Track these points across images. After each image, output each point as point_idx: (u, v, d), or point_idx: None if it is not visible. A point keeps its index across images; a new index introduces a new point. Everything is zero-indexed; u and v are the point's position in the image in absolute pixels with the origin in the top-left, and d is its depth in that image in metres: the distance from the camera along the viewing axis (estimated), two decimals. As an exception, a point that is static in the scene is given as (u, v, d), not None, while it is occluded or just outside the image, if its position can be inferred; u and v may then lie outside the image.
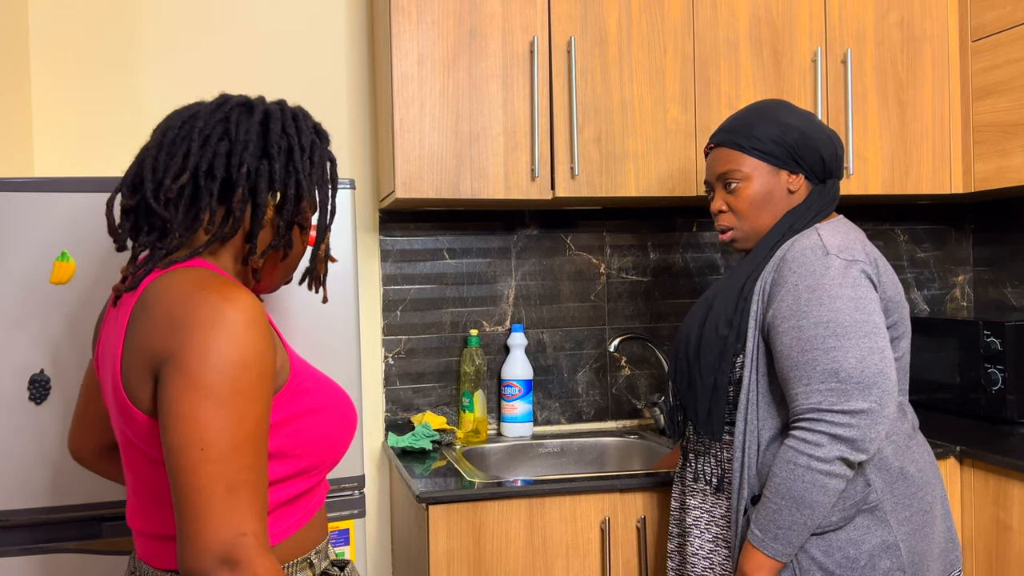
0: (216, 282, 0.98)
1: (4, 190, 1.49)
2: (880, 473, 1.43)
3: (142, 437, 1.00)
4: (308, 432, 1.07)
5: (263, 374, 0.96)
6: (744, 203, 1.54)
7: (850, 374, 1.34)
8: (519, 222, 2.40)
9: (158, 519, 1.04)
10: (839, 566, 1.39)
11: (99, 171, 2.16)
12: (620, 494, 1.81)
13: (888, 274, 1.48)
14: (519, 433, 2.30)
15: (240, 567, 0.89)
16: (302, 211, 1.11)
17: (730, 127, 1.58)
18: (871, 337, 1.36)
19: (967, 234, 2.70)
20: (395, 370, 2.32)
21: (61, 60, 2.15)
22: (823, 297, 1.38)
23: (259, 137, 1.08)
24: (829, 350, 1.35)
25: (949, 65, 2.29)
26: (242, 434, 0.93)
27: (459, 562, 1.74)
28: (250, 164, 1.06)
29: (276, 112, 1.11)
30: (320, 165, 1.13)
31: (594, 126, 2.09)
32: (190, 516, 0.90)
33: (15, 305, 1.50)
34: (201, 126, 1.07)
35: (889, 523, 1.41)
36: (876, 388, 1.34)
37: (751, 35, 2.17)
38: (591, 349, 2.44)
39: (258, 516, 0.93)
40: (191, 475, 0.90)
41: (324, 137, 1.16)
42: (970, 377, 2.26)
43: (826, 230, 1.48)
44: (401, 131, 1.99)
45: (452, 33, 2.02)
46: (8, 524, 1.50)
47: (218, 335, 0.93)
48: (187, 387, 0.92)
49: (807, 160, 1.53)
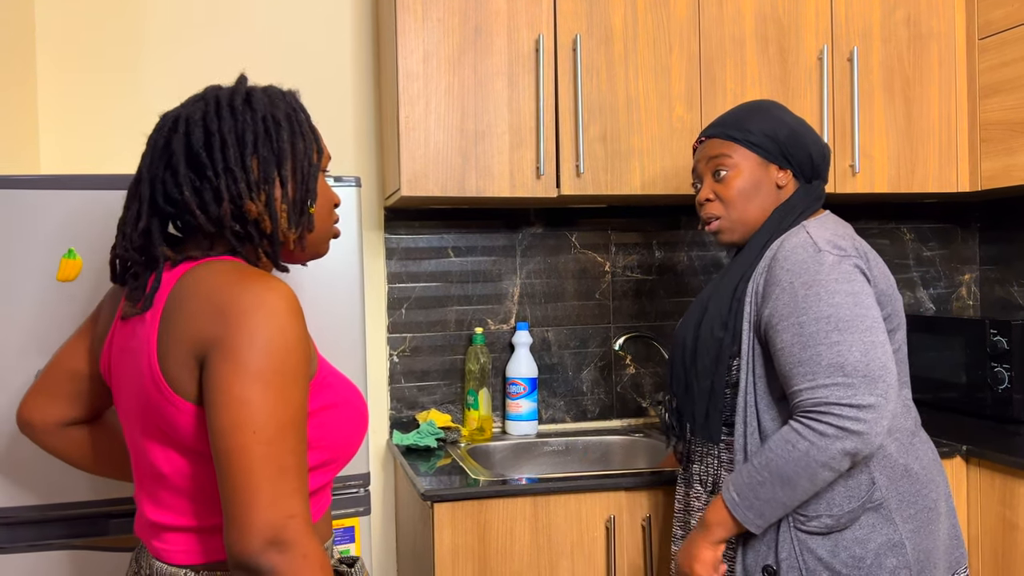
0: (255, 272, 1.01)
1: (11, 187, 1.49)
2: (884, 470, 1.42)
3: (186, 429, 1.00)
4: (328, 426, 1.08)
5: (304, 360, 0.98)
6: (732, 192, 1.53)
7: (856, 368, 1.33)
8: (524, 220, 2.40)
9: (194, 512, 1.03)
10: (845, 565, 1.39)
11: (105, 168, 2.17)
12: (625, 492, 1.81)
13: (879, 267, 1.48)
14: (524, 431, 2.30)
15: (290, 548, 0.91)
16: (245, 205, 1.05)
17: (722, 121, 1.59)
18: (872, 331, 1.36)
19: (973, 232, 2.69)
20: (400, 368, 2.32)
21: (67, 56, 2.15)
22: (821, 293, 1.37)
23: (185, 150, 1.05)
24: (833, 344, 1.34)
25: (956, 63, 2.28)
26: (288, 417, 0.95)
27: (464, 560, 1.74)
28: (191, 183, 1.04)
29: (198, 113, 1.07)
30: (258, 142, 1.06)
31: (599, 124, 2.08)
32: (240, 498, 0.91)
33: (22, 302, 1.50)
34: (148, 163, 1.08)
35: (894, 521, 1.41)
36: (881, 382, 1.33)
37: (757, 33, 2.17)
38: (596, 347, 2.44)
39: (304, 498, 0.94)
40: (242, 457, 0.91)
41: (256, 107, 1.08)
42: (976, 376, 2.25)
43: (814, 226, 1.47)
44: (406, 129, 1.99)
45: (458, 31, 2.02)
46: (15, 520, 1.51)
47: (264, 321, 0.95)
48: (236, 371, 0.93)
49: (796, 157, 1.54)
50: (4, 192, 1.49)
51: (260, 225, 1.07)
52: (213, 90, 1.11)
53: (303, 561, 0.91)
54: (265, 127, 1.07)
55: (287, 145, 1.08)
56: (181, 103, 1.12)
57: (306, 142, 1.10)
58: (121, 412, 1.10)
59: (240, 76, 1.14)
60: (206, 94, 1.10)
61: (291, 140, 1.09)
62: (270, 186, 1.06)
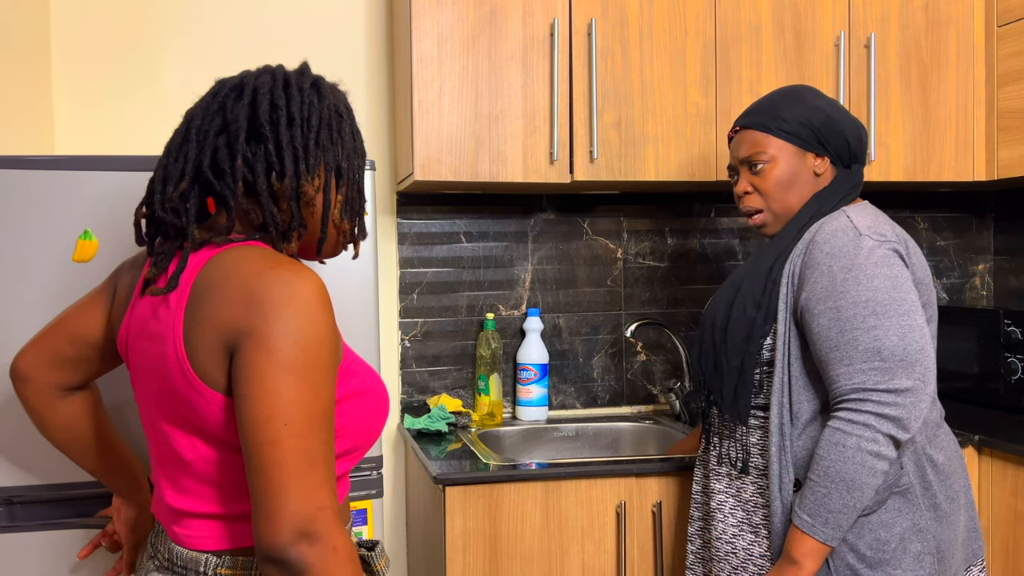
0: (285, 260, 0.99)
1: (27, 168, 1.50)
2: (912, 458, 1.42)
3: (213, 418, 0.99)
4: (353, 414, 1.07)
5: (334, 351, 0.97)
6: (770, 184, 1.52)
7: (893, 352, 1.33)
8: (536, 206, 2.39)
9: (219, 499, 1.03)
10: (870, 548, 1.39)
11: (119, 150, 2.17)
12: (636, 478, 1.82)
13: (917, 256, 1.48)
14: (534, 417, 2.31)
15: (320, 540, 0.90)
16: (302, 185, 1.05)
17: (756, 109, 1.57)
18: (910, 315, 1.35)
19: (988, 222, 2.67)
20: (411, 353, 2.33)
21: (81, 39, 2.15)
22: (860, 276, 1.37)
23: (248, 120, 1.05)
24: (870, 329, 1.34)
25: (974, 50, 2.26)
26: (319, 409, 0.94)
27: (475, 543, 1.75)
28: (244, 153, 1.04)
29: (266, 85, 1.06)
30: (321, 127, 1.07)
31: (614, 110, 2.07)
32: (271, 491, 0.91)
33: (38, 283, 1.50)
34: (199, 124, 1.06)
35: (920, 507, 1.41)
36: (919, 365, 1.33)
37: (773, 18, 2.15)
38: (607, 334, 2.43)
39: (332, 491, 0.94)
40: (273, 449, 0.91)
41: (325, 94, 1.09)
42: (989, 366, 2.24)
43: (854, 212, 1.47)
44: (420, 113, 1.98)
45: (472, 14, 2.01)
46: (31, 500, 1.52)
47: (296, 312, 0.94)
48: (269, 363, 0.92)
49: (833, 143, 1.52)
50: (21, 172, 1.49)
51: (310, 208, 1.06)
52: (279, 67, 1.11)
53: (333, 554, 0.91)
54: (330, 115, 1.08)
55: (348, 137, 1.10)
56: (240, 72, 1.10)
57: (357, 141, 1.12)
58: (139, 393, 1.09)
59: (303, 63, 1.13)
60: (272, 69, 1.10)
61: (351, 133, 1.11)
62: (329, 173, 1.07)
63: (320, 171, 1.07)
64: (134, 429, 1.53)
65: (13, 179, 1.49)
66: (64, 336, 1.20)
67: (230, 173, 1.04)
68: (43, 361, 1.21)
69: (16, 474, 1.51)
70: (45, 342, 1.21)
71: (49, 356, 1.20)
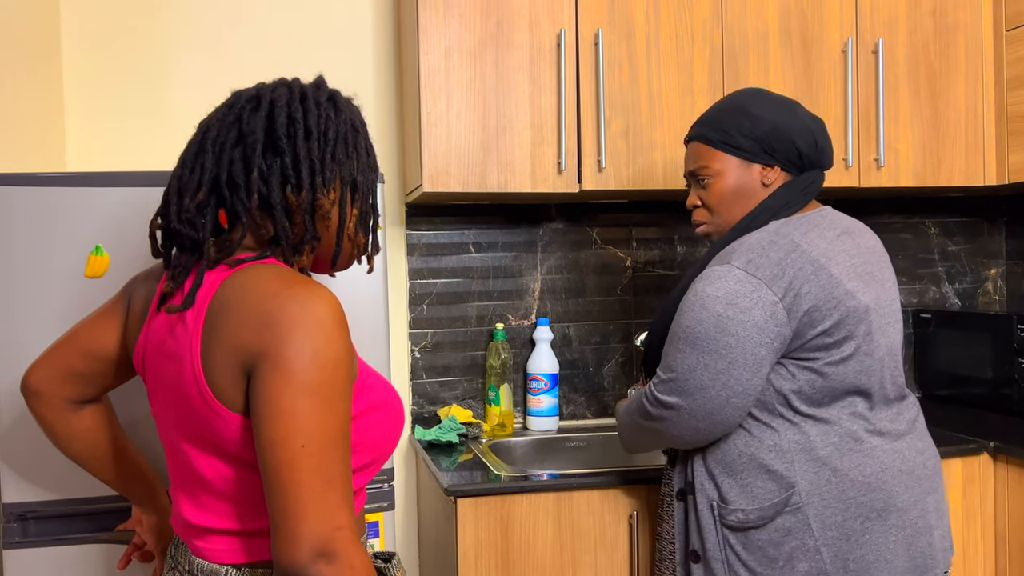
0: (300, 279, 0.99)
1: (39, 184, 1.51)
2: (808, 475, 1.39)
3: (231, 439, 0.99)
4: (370, 429, 1.07)
5: (349, 369, 0.98)
6: (715, 198, 1.52)
7: (679, 374, 1.43)
8: (545, 215, 2.39)
9: (238, 516, 1.03)
10: (759, 563, 1.41)
11: (130, 166, 2.18)
12: (647, 487, 1.81)
13: (816, 280, 1.38)
14: (545, 427, 2.30)
15: (338, 559, 0.91)
16: (318, 199, 1.05)
17: (703, 120, 1.55)
18: (713, 355, 1.39)
19: (1000, 227, 2.66)
20: (421, 363, 2.33)
21: (92, 55, 2.17)
22: (695, 305, 1.41)
23: (265, 133, 1.05)
24: (675, 351, 1.44)
25: (983, 54, 2.25)
26: (335, 429, 0.94)
27: (487, 554, 1.75)
28: (260, 165, 1.04)
29: (283, 98, 1.06)
30: (338, 141, 1.07)
31: (621, 119, 2.07)
32: (289, 510, 0.91)
33: (50, 299, 1.51)
34: (214, 135, 1.06)
35: (811, 527, 1.38)
36: (690, 398, 1.41)
37: (781, 25, 2.15)
38: (617, 343, 2.43)
39: (350, 509, 0.94)
40: (291, 470, 0.91)
41: (341, 108, 1.09)
42: (1003, 372, 2.22)
43: (759, 235, 1.44)
44: (428, 125, 1.99)
45: (479, 25, 2.01)
46: (44, 515, 1.52)
47: (312, 333, 0.94)
48: (286, 384, 0.93)
49: (780, 152, 1.48)
50: (32, 189, 1.50)
51: (325, 222, 1.07)
52: (295, 80, 1.11)
53: (350, 572, 0.91)
54: (346, 129, 1.09)
55: (363, 151, 1.10)
56: (256, 84, 1.10)
57: (371, 155, 1.13)
58: (156, 410, 1.10)
59: (319, 76, 1.13)
60: (288, 82, 1.10)
61: (366, 147, 1.11)
62: (344, 187, 1.08)
63: (336, 185, 1.07)
64: (150, 444, 1.54)
65: (26, 196, 1.50)
66: (76, 350, 1.19)
67: (244, 187, 1.04)
68: (55, 376, 1.20)
69: (29, 490, 1.52)
70: (57, 356, 1.20)
71: (61, 371, 1.20)
